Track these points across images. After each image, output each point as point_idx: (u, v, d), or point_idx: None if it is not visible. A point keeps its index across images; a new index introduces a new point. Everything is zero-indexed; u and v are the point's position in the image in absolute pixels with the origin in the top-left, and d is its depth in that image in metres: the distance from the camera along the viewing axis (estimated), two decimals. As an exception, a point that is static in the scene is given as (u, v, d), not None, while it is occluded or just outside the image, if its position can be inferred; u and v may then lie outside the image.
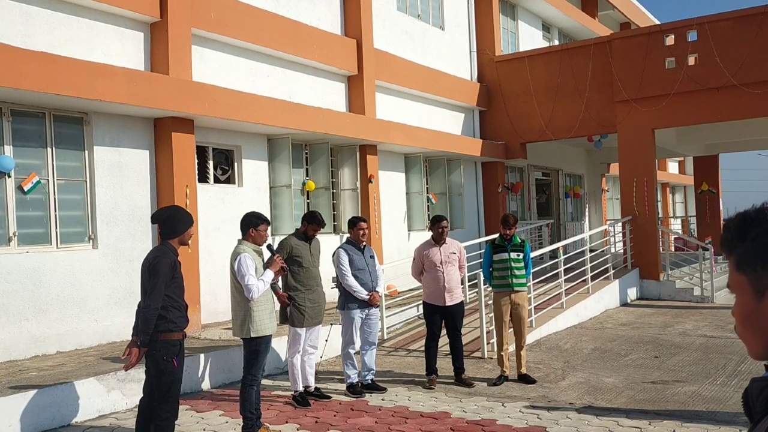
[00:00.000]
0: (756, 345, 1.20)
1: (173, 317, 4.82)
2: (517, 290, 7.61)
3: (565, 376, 7.72)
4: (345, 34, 12.65)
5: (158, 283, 4.73)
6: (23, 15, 7.84)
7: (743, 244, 1.21)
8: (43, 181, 8.01)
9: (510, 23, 18.70)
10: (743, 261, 1.20)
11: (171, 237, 4.97)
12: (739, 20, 13.32)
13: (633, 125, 14.28)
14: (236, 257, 5.65)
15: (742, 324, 1.22)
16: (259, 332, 5.67)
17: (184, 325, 4.95)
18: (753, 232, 1.20)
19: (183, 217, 5.05)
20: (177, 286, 4.91)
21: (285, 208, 10.90)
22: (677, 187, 31.89)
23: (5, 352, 7.39)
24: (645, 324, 11.04)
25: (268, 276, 5.69)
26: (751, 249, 1.20)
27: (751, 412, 1.17)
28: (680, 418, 5.98)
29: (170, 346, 4.81)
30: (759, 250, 1.18)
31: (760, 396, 1.14)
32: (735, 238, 1.23)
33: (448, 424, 5.98)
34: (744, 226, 1.22)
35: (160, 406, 4.87)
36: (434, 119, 15.09)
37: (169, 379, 4.84)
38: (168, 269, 4.79)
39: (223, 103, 9.31)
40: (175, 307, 4.86)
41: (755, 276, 1.19)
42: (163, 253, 4.87)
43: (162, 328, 4.78)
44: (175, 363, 4.83)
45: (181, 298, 4.97)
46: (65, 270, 8.04)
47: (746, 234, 1.21)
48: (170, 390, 4.86)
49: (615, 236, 15.91)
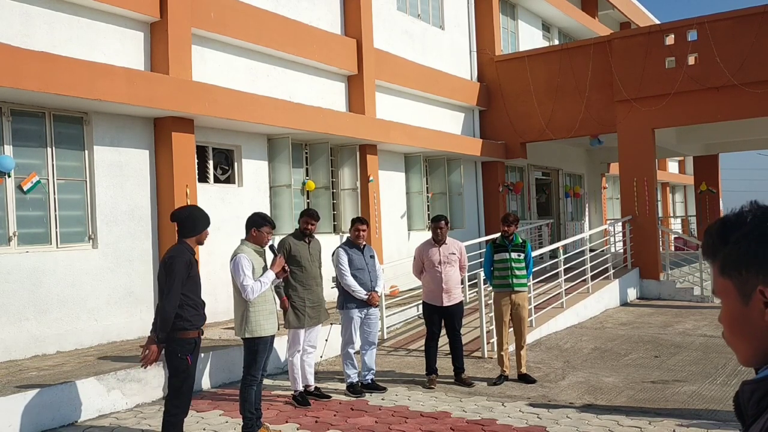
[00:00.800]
0: (745, 351, 1.18)
1: (188, 315, 4.91)
2: (517, 290, 7.61)
3: (565, 375, 7.72)
4: (345, 34, 12.65)
5: (174, 283, 4.84)
6: (23, 15, 7.84)
7: (726, 249, 1.19)
8: (43, 180, 8.01)
9: (510, 23, 18.70)
10: (727, 265, 1.19)
11: (188, 236, 5.08)
12: (739, 20, 13.32)
13: (633, 125, 14.28)
14: (233, 258, 5.67)
15: (729, 330, 1.20)
16: (254, 333, 5.67)
17: (200, 323, 5.04)
18: (734, 236, 1.18)
19: (201, 217, 5.18)
20: (193, 284, 5.00)
21: (285, 208, 10.90)
22: (677, 186, 31.89)
23: (5, 351, 7.40)
24: (645, 324, 11.05)
25: (267, 277, 5.68)
26: (734, 252, 1.18)
27: (743, 416, 1.15)
28: (680, 417, 5.98)
29: (185, 344, 4.90)
30: (742, 253, 1.16)
31: (751, 399, 1.12)
32: (717, 242, 1.21)
33: (448, 424, 5.98)
34: (725, 231, 1.20)
35: (170, 401, 5.00)
36: (434, 119, 15.09)
37: (183, 376, 4.94)
38: (183, 268, 4.88)
39: (223, 103, 9.31)
40: (190, 305, 4.94)
41: (740, 280, 1.17)
42: (179, 253, 4.97)
43: (177, 326, 4.87)
44: (189, 360, 4.90)
45: (198, 296, 5.06)
46: (65, 270, 8.04)
47: (728, 238, 1.19)
48: (182, 387, 4.95)
49: (615, 236, 15.91)
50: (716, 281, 1.23)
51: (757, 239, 1.15)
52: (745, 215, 1.19)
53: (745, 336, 1.18)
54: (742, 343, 1.19)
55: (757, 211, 1.18)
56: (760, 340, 1.16)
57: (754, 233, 1.16)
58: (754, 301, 1.15)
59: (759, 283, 1.14)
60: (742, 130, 16.18)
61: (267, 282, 5.67)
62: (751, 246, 1.15)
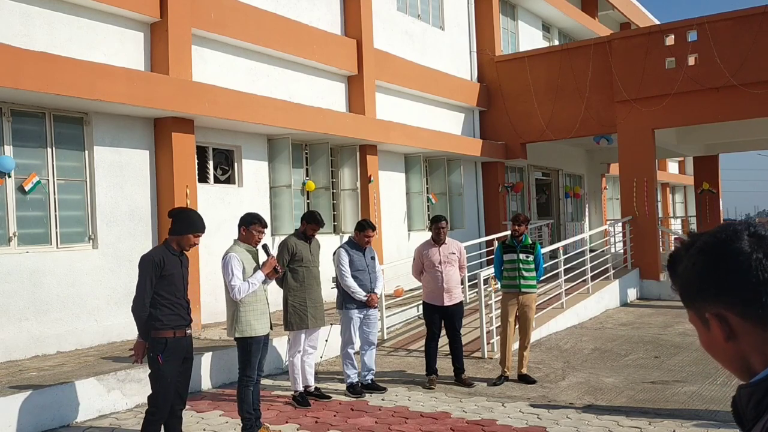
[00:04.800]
0: (730, 368, 1.20)
1: (161, 315, 4.85)
2: (525, 291, 7.59)
3: (565, 376, 7.72)
4: (345, 34, 12.65)
5: (139, 283, 4.85)
6: (23, 15, 7.84)
7: (676, 282, 1.24)
8: (43, 181, 8.01)
9: (510, 23, 18.70)
10: (682, 297, 1.23)
11: (172, 234, 5.02)
12: (739, 20, 13.32)
13: (633, 125, 14.28)
14: (223, 257, 5.66)
15: (709, 354, 1.24)
16: (244, 333, 5.65)
17: (176, 324, 4.90)
18: (680, 269, 1.23)
19: (192, 221, 5.04)
20: (168, 283, 4.89)
21: (285, 208, 10.90)
22: (677, 187, 31.88)
23: (5, 352, 7.39)
24: (645, 324, 11.05)
25: (257, 278, 5.65)
26: (682, 285, 1.22)
27: (742, 420, 1.15)
28: (680, 417, 5.98)
29: (157, 343, 4.84)
30: (685, 288, 1.21)
31: (749, 403, 1.12)
32: (671, 276, 1.26)
33: (448, 424, 5.98)
34: (673, 265, 1.25)
35: (149, 400, 4.96)
36: (434, 119, 15.09)
37: (155, 375, 4.88)
38: (149, 268, 4.83)
39: (223, 103, 9.31)
40: (165, 305, 4.86)
41: (695, 309, 1.20)
42: (151, 253, 4.97)
43: (150, 325, 4.84)
44: (160, 360, 4.82)
45: (176, 296, 4.94)
46: (65, 270, 8.04)
47: (676, 271, 1.24)
48: (156, 386, 4.88)
49: (615, 236, 15.91)
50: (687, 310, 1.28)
51: (695, 270, 1.18)
52: (687, 247, 1.23)
53: (720, 358, 1.20)
54: (723, 364, 1.21)
55: (694, 241, 1.22)
56: (732, 361, 1.18)
57: (691, 265, 1.19)
58: (712, 327, 1.17)
59: (708, 309, 1.17)
60: (742, 130, 16.18)
61: (256, 283, 5.64)
62: (692, 277, 1.19)
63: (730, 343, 1.15)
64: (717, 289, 1.15)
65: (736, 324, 1.14)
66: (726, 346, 1.16)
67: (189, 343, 5.08)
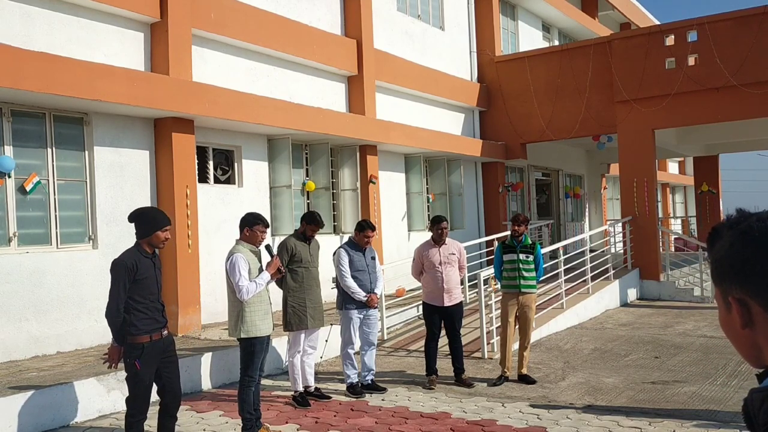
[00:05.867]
0: (741, 353, 1.20)
1: (135, 320, 4.72)
2: (524, 292, 7.60)
3: (565, 376, 7.72)
4: (345, 35, 12.66)
5: (111, 289, 4.69)
6: (23, 15, 7.84)
7: (711, 256, 1.23)
8: (43, 181, 8.01)
9: (510, 23, 18.70)
10: (713, 273, 1.22)
11: (140, 237, 4.86)
12: (739, 20, 13.32)
13: (633, 125, 14.28)
14: (229, 257, 5.63)
15: (724, 333, 1.23)
16: (249, 333, 5.65)
17: (151, 328, 4.78)
18: (717, 245, 1.21)
19: (153, 219, 4.85)
20: (142, 288, 4.75)
21: (285, 208, 10.90)
22: (677, 187, 31.88)
23: (5, 352, 7.39)
24: (645, 324, 11.04)
25: (263, 278, 5.65)
26: (715, 262, 1.21)
27: (753, 425, 1.14)
28: (680, 418, 5.98)
29: (133, 349, 4.74)
30: (717, 265, 1.19)
31: (761, 408, 1.11)
32: (708, 248, 1.24)
33: (448, 425, 5.98)
34: (712, 239, 1.23)
35: (127, 402, 4.89)
36: (434, 119, 15.09)
37: (133, 380, 4.80)
38: (122, 273, 4.68)
39: (223, 104, 9.31)
40: (139, 309, 4.74)
41: (722, 288, 1.19)
42: (123, 257, 4.78)
43: (126, 331, 4.73)
44: (137, 365, 4.74)
45: (151, 300, 4.81)
46: (65, 270, 8.04)
47: (714, 245, 1.22)
48: (134, 390, 4.82)
49: (615, 236, 15.90)
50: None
51: (731, 250, 1.16)
52: (727, 224, 1.20)
53: (734, 341, 1.20)
54: (736, 347, 1.21)
55: (740, 220, 1.19)
56: (745, 347, 1.18)
57: (728, 245, 1.17)
58: (733, 310, 1.17)
59: (733, 292, 1.16)
60: (742, 130, 16.18)
61: (262, 283, 5.64)
62: (726, 257, 1.17)
63: (747, 330, 1.15)
64: (747, 275, 1.14)
65: (757, 313, 1.13)
66: (742, 332, 1.16)
67: (168, 342, 4.97)
